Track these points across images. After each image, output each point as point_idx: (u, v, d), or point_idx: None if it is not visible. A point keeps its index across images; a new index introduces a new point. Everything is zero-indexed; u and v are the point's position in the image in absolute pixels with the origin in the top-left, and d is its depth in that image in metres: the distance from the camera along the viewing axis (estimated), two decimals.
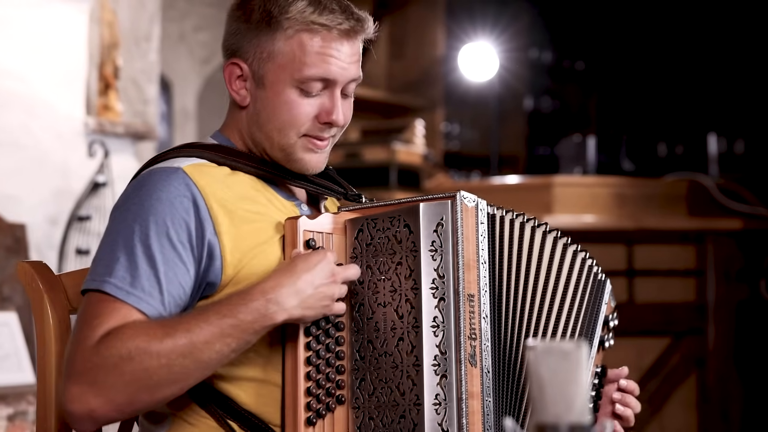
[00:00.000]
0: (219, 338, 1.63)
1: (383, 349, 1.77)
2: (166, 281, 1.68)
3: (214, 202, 1.74)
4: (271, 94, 1.80)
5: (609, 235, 4.40)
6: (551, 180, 4.53)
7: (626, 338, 4.35)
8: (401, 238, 1.78)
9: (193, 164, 1.79)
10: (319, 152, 1.85)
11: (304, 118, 1.80)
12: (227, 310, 1.64)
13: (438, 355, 1.75)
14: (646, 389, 4.34)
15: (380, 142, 4.75)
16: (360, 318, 1.79)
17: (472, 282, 1.79)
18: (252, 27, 1.81)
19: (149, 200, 1.71)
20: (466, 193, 1.82)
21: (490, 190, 4.74)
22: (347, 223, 1.82)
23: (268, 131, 1.82)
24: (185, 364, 1.61)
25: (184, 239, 1.71)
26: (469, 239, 1.80)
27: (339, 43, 1.79)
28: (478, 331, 1.79)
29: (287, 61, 1.78)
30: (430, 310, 1.76)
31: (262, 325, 1.65)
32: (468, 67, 5.34)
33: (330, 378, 1.77)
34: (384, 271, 1.79)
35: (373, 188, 4.67)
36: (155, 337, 1.61)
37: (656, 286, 4.38)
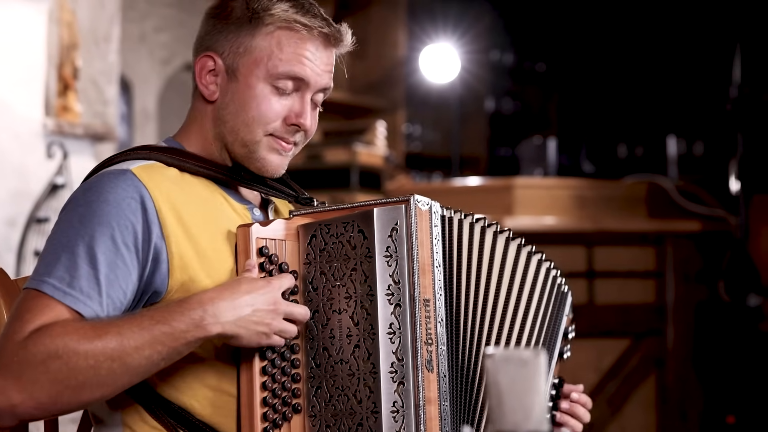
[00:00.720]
0: (150, 344, 1.60)
1: (339, 357, 1.77)
2: (107, 283, 1.66)
3: (163, 205, 1.72)
4: (243, 87, 1.79)
5: (569, 237, 4.41)
6: (512, 182, 4.53)
7: (586, 339, 4.38)
8: (355, 244, 1.78)
9: (143, 165, 1.77)
10: (283, 155, 1.84)
11: (273, 115, 1.80)
12: (161, 316, 1.62)
13: (395, 362, 1.75)
14: (605, 390, 4.36)
15: (341, 144, 4.75)
16: (315, 325, 1.79)
17: (428, 286, 1.79)
18: (231, 24, 1.81)
19: (96, 202, 1.69)
20: (420, 196, 1.81)
21: (451, 192, 4.74)
22: (300, 229, 1.81)
23: (234, 125, 1.81)
24: (113, 368, 1.59)
25: (130, 242, 1.69)
26: (424, 243, 1.79)
27: (315, 47, 1.81)
28: (434, 336, 1.79)
29: (264, 55, 1.79)
30: (385, 316, 1.76)
31: (195, 336, 1.63)
32: (429, 69, 5.35)
33: (286, 387, 1.76)
34: (339, 277, 1.78)
35: (335, 190, 4.67)
36: (85, 337, 1.58)
37: (616, 288, 4.40)
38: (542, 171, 4.87)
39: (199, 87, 1.83)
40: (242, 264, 1.73)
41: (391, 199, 1.81)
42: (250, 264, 1.72)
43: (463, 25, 5.67)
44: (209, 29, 1.84)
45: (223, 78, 1.81)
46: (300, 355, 1.78)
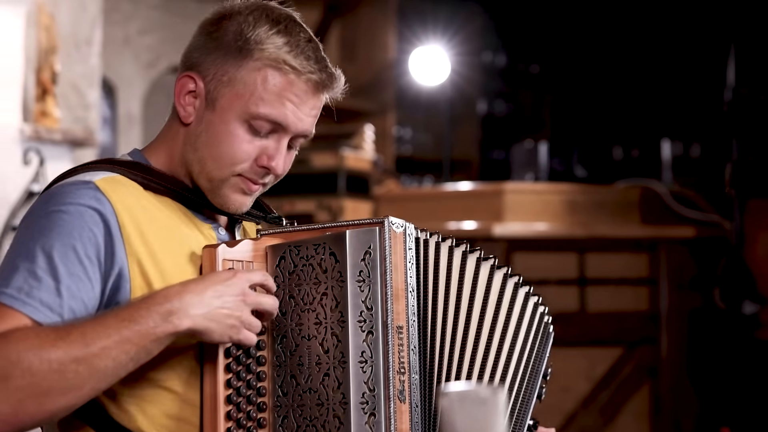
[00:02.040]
0: (117, 344, 1.52)
1: (308, 385, 1.69)
2: (68, 295, 1.58)
3: (127, 221, 1.65)
4: (218, 120, 1.70)
5: (560, 243, 4.35)
6: (502, 187, 4.46)
7: (578, 348, 4.31)
8: (327, 267, 1.70)
9: (107, 178, 1.69)
10: (248, 194, 1.75)
11: (244, 156, 1.71)
12: (127, 314, 1.55)
13: (366, 392, 1.67)
14: (598, 400, 4.29)
15: (328, 148, 4.66)
16: (282, 351, 1.71)
17: (401, 313, 1.71)
18: (221, 46, 1.72)
19: (57, 212, 1.62)
20: (395, 218, 1.73)
21: (439, 197, 4.67)
22: (269, 250, 1.73)
23: (202, 156, 1.72)
24: (79, 371, 1.51)
25: (92, 254, 1.61)
26: (398, 267, 1.71)
27: (302, 92, 1.71)
28: (407, 365, 1.71)
29: (246, 91, 1.70)
30: (357, 344, 1.68)
31: (164, 332, 1.55)
32: (419, 71, 5.27)
33: (251, 416, 1.68)
34: (308, 301, 1.70)
35: (322, 195, 4.58)
36: (47, 341, 1.51)
37: (608, 295, 4.33)
38: (533, 175, 4.79)
39: (177, 107, 1.75)
40: None
41: (365, 221, 1.73)
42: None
43: (454, 26, 5.60)
44: (199, 45, 1.75)
45: (201, 103, 1.72)
46: (266, 383, 1.70)
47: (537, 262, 4.33)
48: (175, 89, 1.75)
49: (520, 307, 1.86)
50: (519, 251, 4.30)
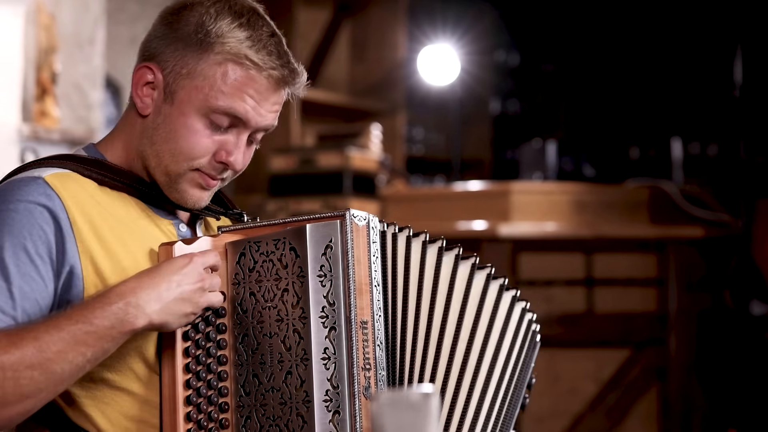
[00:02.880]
0: (72, 346, 1.49)
1: (270, 384, 1.65)
2: (21, 296, 1.55)
3: (78, 217, 1.61)
4: (176, 113, 1.67)
5: (567, 244, 4.29)
6: (509, 187, 4.42)
7: (585, 349, 4.26)
8: (287, 263, 1.66)
9: (57, 173, 1.65)
10: (206, 189, 1.72)
11: (202, 151, 1.67)
12: (81, 315, 1.51)
13: (330, 390, 1.63)
14: (605, 402, 4.24)
15: (334, 148, 4.63)
16: (244, 350, 1.67)
17: (365, 308, 1.67)
18: (181, 38, 1.68)
19: (5, 210, 1.58)
20: (357, 211, 1.69)
21: (447, 197, 4.63)
22: (228, 247, 1.69)
23: (159, 150, 1.68)
24: (34, 377, 1.48)
25: (43, 252, 1.58)
26: (361, 261, 1.67)
27: (263, 88, 1.68)
28: (373, 360, 1.67)
29: (206, 85, 1.66)
30: (320, 340, 1.64)
31: (120, 331, 1.52)
32: (430, 71, 5.23)
33: (212, 417, 1.64)
34: (269, 298, 1.66)
35: (327, 195, 4.55)
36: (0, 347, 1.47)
37: (616, 296, 4.28)
38: (541, 175, 4.74)
39: (134, 98, 1.71)
40: None
41: (326, 214, 1.69)
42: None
43: (465, 25, 5.55)
44: (159, 35, 1.71)
45: (159, 95, 1.69)
46: (228, 383, 1.67)
47: (544, 262, 4.28)
48: (133, 80, 1.72)
49: (506, 312, 1.82)
50: (525, 251, 4.25)
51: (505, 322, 1.81)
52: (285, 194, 4.65)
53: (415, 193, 4.81)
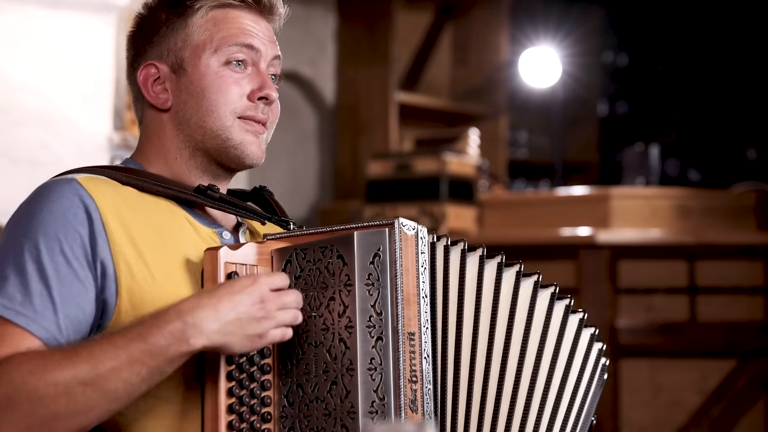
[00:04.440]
0: (127, 365, 1.45)
1: (314, 395, 1.60)
2: (61, 301, 1.52)
3: (111, 218, 1.59)
4: (195, 76, 1.69)
5: (669, 250, 4.19)
6: (609, 192, 4.32)
7: (688, 360, 4.14)
8: (334, 270, 1.61)
9: (91, 177, 1.64)
10: (258, 137, 1.71)
11: (235, 94, 1.69)
12: (137, 332, 1.47)
13: (375, 401, 1.57)
14: (709, 414, 4.10)
15: (431, 153, 4.57)
16: (288, 359, 1.62)
17: (413, 318, 1.61)
18: (157, 29, 1.72)
19: (40, 213, 1.57)
20: (406, 220, 1.63)
21: (546, 203, 4.55)
22: (274, 254, 1.64)
23: (198, 119, 1.69)
24: (88, 394, 1.45)
25: (80, 255, 1.55)
26: (409, 271, 1.62)
27: (252, 18, 1.72)
28: (419, 373, 1.61)
29: (204, 37, 1.69)
30: (366, 350, 1.59)
31: (178, 351, 1.47)
32: (533, 73, 5.15)
33: (255, 427, 1.59)
34: (315, 306, 1.61)
35: (424, 201, 4.50)
36: (52, 362, 1.45)
37: (720, 304, 4.15)
38: (644, 179, 4.61)
39: (150, 100, 1.71)
40: None
41: (374, 223, 1.64)
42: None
43: (570, 27, 5.44)
44: (137, 50, 1.74)
45: (171, 80, 1.70)
46: (271, 392, 1.62)
47: (645, 269, 4.18)
48: (140, 86, 1.72)
49: (573, 338, 1.74)
50: (625, 258, 4.15)
51: (572, 350, 1.74)
52: (382, 200, 4.60)
53: (513, 199, 4.73)
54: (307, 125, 5.26)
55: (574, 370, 1.74)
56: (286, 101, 5.21)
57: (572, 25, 5.47)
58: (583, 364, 1.75)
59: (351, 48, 5.18)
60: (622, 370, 4.11)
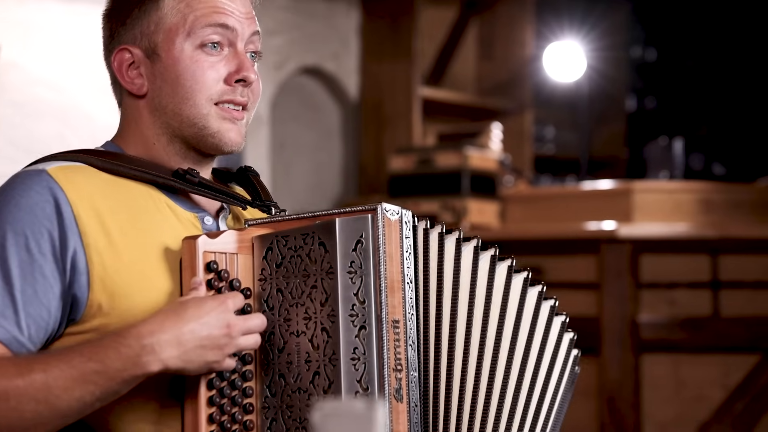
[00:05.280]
0: (80, 384, 1.44)
1: (297, 385, 1.59)
2: (23, 300, 1.50)
3: (83, 210, 1.56)
4: (168, 61, 1.64)
5: (692, 245, 4.14)
6: (631, 186, 4.29)
7: (711, 354, 4.09)
8: (316, 258, 1.59)
9: (62, 166, 1.60)
10: (237, 123, 1.66)
11: (210, 79, 1.64)
12: (93, 352, 1.45)
13: (359, 392, 1.56)
14: (733, 410, 4.05)
15: (452, 148, 4.55)
16: (270, 349, 1.61)
17: (397, 306, 1.59)
18: (128, 12, 1.68)
19: (7, 207, 1.54)
20: (389, 205, 1.61)
21: (568, 197, 4.52)
22: (255, 241, 1.63)
23: (174, 105, 1.65)
24: (38, 410, 1.43)
25: (47, 250, 1.53)
26: (393, 257, 1.60)
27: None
28: (404, 361, 1.59)
29: (177, 20, 1.65)
30: (349, 340, 1.57)
31: (132, 374, 1.45)
32: (558, 68, 5.11)
33: (236, 419, 1.58)
34: (297, 295, 1.60)
35: (445, 196, 4.48)
36: (5, 376, 1.44)
37: (744, 299, 4.09)
38: (668, 173, 4.57)
39: (125, 85, 1.68)
40: (187, 281, 1.56)
41: (357, 208, 1.62)
42: (197, 281, 1.54)
43: (596, 21, 5.40)
44: (111, 31, 1.71)
45: (145, 65, 1.66)
46: (253, 383, 1.61)
47: (667, 264, 4.13)
48: (114, 72, 1.69)
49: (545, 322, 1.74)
50: (646, 253, 4.11)
51: (544, 335, 1.74)
52: (404, 195, 4.59)
53: (535, 193, 4.70)
54: (330, 121, 5.25)
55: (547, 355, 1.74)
56: (310, 97, 5.23)
57: (598, 19, 5.43)
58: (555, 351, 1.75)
59: (374, 43, 5.17)
60: (644, 366, 4.07)
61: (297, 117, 5.14)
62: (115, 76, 1.70)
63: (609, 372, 4.05)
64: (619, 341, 4.05)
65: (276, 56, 4.89)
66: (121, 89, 1.71)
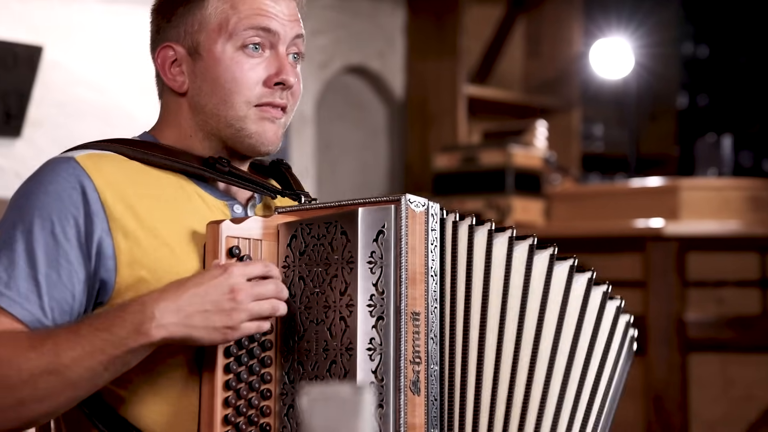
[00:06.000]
0: (89, 354, 1.46)
1: (314, 373, 1.58)
2: (47, 284, 1.53)
3: (110, 197, 1.58)
4: (210, 61, 1.65)
5: (740, 242, 4.08)
6: (678, 183, 4.24)
7: (760, 354, 4.03)
8: (337, 247, 1.59)
9: (91, 154, 1.63)
10: (275, 122, 1.67)
11: (250, 81, 1.65)
12: (101, 322, 1.48)
13: (374, 382, 1.55)
14: None
15: (496, 146, 4.53)
16: (290, 336, 1.61)
17: (418, 298, 1.58)
18: (175, 10, 1.69)
19: (35, 193, 1.57)
20: (414, 196, 1.61)
21: (614, 195, 4.48)
22: (280, 228, 1.63)
23: (213, 106, 1.66)
24: (51, 382, 1.46)
25: (72, 236, 1.55)
26: (416, 249, 1.58)
27: (272, 0, 1.67)
28: (424, 354, 1.58)
29: (220, 20, 1.65)
30: (366, 330, 1.56)
31: (137, 343, 1.47)
32: (607, 65, 5.06)
33: (253, 404, 1.58)
34: (318, 284, 1.59)
35: (489, 193, 4.46)
36: (19, 349, 1.46)
37: None
38: (716, 171, 4.50)
39: (167, 82, 1.70)
40: (209, 265, 1.56)
41: (381, 198, 1.61)
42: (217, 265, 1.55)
43: (645, 18, 5.33)
44: (158, 26, 1.72)
45: (187, 63, 1.68)
46: (272, 369, 1.60)
47: (715, 262, 4.08)
48: (157, 68, 1.71)
49: (597, 311, 1.70)
50: (693, 251, 4.06)
51: (596, 324, 1.69)
52: (448, 193, 4.58)
53: (581, 191, 4.66)
54: (376, 119, 5.25)
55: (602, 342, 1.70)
56: (355, 96, 5.23)
57: (646, 15, 5.36)
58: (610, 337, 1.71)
59: (420, 41, 5.16)
60: (692, 365, 4.02)
61: (342, 116, 5.14)
62: (159, 72, 1.72)
63: (655, 371, 4.00)
64: (665, 340, 4.00)
65: (321, 55, 4.90)
66: (163, 84, 1.73)
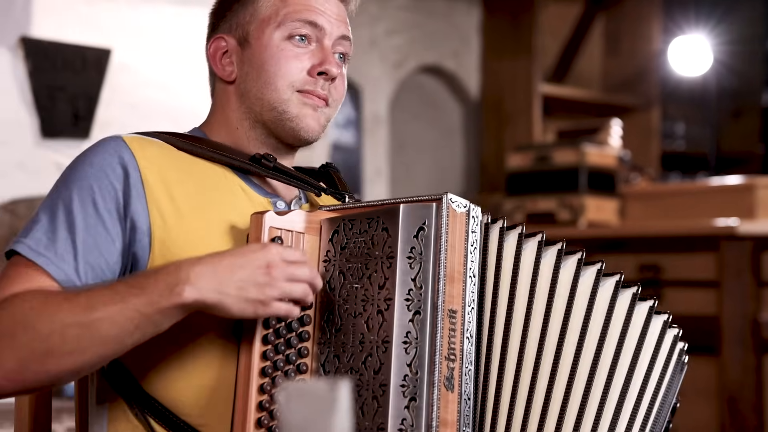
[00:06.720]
0: (121, 312, 1.48)
1: (349, 365, 1.60)
2: (84, 248, 1.58)
3: (151, 175, 1.63)
4: (257, 48, 1.73)
5: None
6: (754, 182, 4.17)
7: None
8: (378, 242, 1.61)
9: (139, 136, 1.69)
10: (317, 110, 1.72)
11: (294, 68, 1.71)
12: (136, 281, 1.51)
13: (408, 375, 1.56)
14: None
15: (570, 145, 4.51)
16: (328, 328, 1.63)
17: (456, 296, 1.59)
18: (233, 7, 1.78)
19: (81, 165, 1.64)
20: (456, 196, 1.63)
21: (689, 194, 4.42)
22: (323, 223, 1.66)
23: (257, 90, 1.72)
24: (80, 335, 1.48)
25: (112, 207, 1.61)
26: (456, 248, 1.60)
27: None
28: (459, 352, 1.59)
29: (270, 12, 1.73)
30: (403, 324, 1.58)
31: (170, 302, 1.48)
32: (687, 62, 5.01)
33: None
34: (357, 278, 1.62)
35: (563, 193, 4.44)
36: (54, 301, 1.50)
37: None
38: None
39: (216, 71, 1.78)
40: None
41: (423, 197, 1.63)
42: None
43: (726, 14, 5.26)
44: (213, 25, 1.81)
45: (237, 53, 1.75)
46: (308, 360, 1.63)
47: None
48: (209, 59, 1.78)
49: (642, 327, 1.69)
50: None
51: (640, 339, 1.68)
52: (521, 193, 4.57)
53: (656, 191, 4.61)
54: (451, 119, 5.25)
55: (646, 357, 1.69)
56: (430, 95, 5.24)
57: (725, 12, 5.29)
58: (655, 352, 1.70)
59: (495, 40, 5.15)
60: (767, 366, 3.95)
61: (417, 116, 5.15)
62: (210, 63, 1.79)
63: (729, 372, 3.94)
64: (739, 341, 3.93)
65: (396, 55, 4.92)
66: (214, 78, 1.80)
